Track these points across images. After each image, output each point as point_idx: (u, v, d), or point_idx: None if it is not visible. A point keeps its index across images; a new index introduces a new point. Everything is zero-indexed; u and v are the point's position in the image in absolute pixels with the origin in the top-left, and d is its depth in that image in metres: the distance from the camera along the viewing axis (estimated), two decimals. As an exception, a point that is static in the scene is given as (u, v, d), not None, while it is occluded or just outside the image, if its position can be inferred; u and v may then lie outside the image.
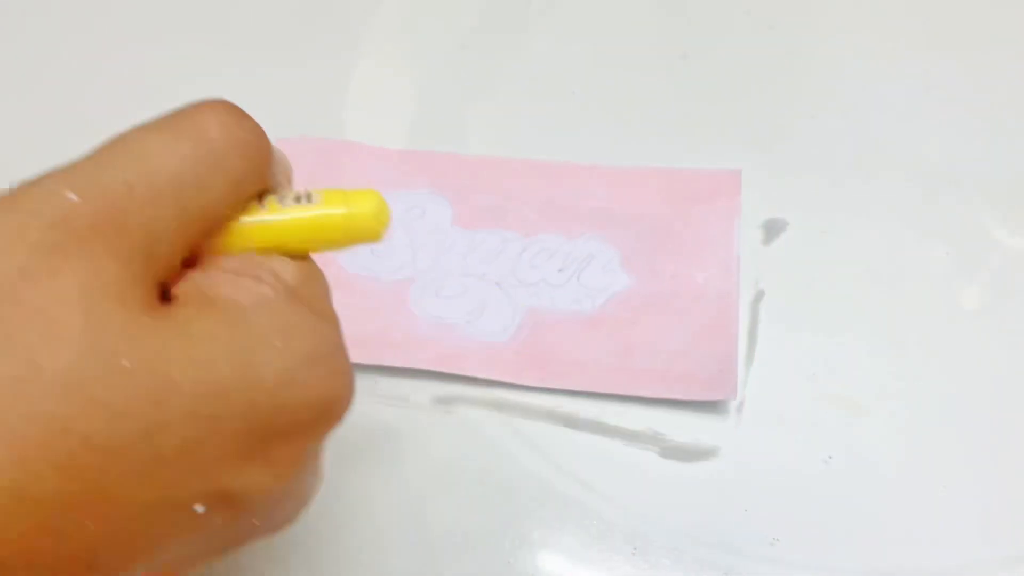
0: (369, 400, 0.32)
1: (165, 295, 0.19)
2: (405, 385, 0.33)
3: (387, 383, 0.33)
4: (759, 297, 0.34)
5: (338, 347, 0.21)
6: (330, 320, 0.21)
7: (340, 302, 0.34)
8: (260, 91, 0.38)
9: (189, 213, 0.19)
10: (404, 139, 0.39)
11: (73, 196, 0.18)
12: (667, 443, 0.31)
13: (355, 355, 0.32)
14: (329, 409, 0.20)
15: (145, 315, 0.18)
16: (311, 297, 0.21)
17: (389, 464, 0.31)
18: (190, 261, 0.20)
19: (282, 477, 0.19)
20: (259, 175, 0.21)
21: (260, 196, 0.21)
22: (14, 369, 0.16)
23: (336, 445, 0.31)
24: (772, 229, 0.36)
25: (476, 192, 0.37)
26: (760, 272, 0.35)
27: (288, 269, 0.21)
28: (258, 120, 0.38)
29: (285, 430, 0.19)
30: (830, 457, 0.31)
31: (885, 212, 0.36)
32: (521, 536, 0.30)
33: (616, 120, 0.39)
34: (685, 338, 0.33)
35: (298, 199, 0.21)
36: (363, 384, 0.22)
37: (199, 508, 0.18)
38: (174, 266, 0.19)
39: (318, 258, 0.22)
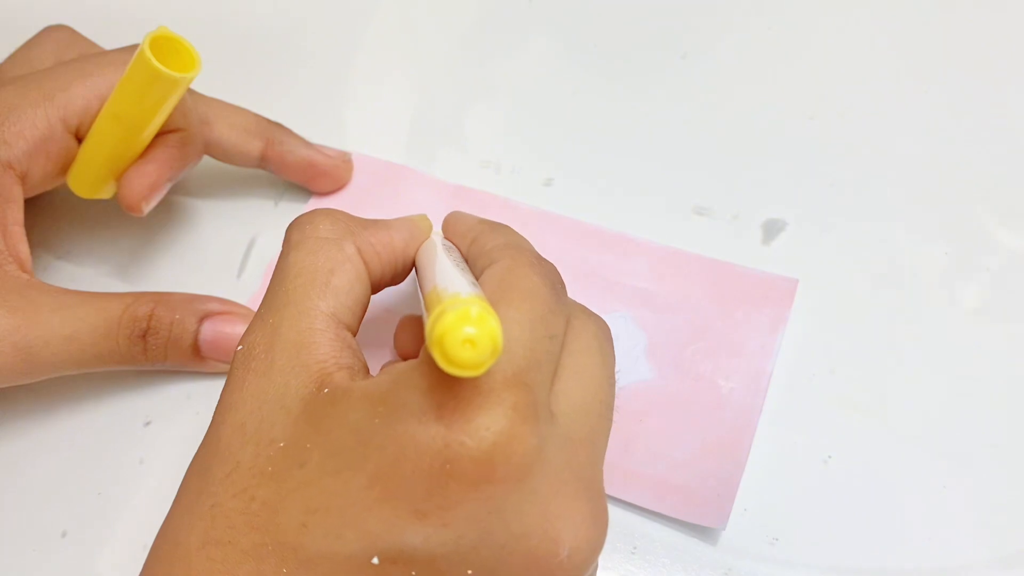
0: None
1: None
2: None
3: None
4: (759, 297, 0.34)
5: None
6: None
7: (361, 330, 0.34)
8: (262, 93, 0.39)
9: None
10: (405, 139, 0.39)
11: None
12: (667, 443, 0.31)
13: None
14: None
15: None
16: None
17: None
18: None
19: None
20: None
21: None
22: None
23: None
24: (771, 229, 0.36)
25: None
26: (760, 272, 0.35)
27: None
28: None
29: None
30: (830, 457, 0.31)
31: (884, 212, 0.36)
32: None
33: (616, 120, 0.40)
34: (691, 449, 0.31)
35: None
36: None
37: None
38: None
39: None
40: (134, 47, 0.30)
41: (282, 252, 0.26)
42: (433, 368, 0.21)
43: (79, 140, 0.32)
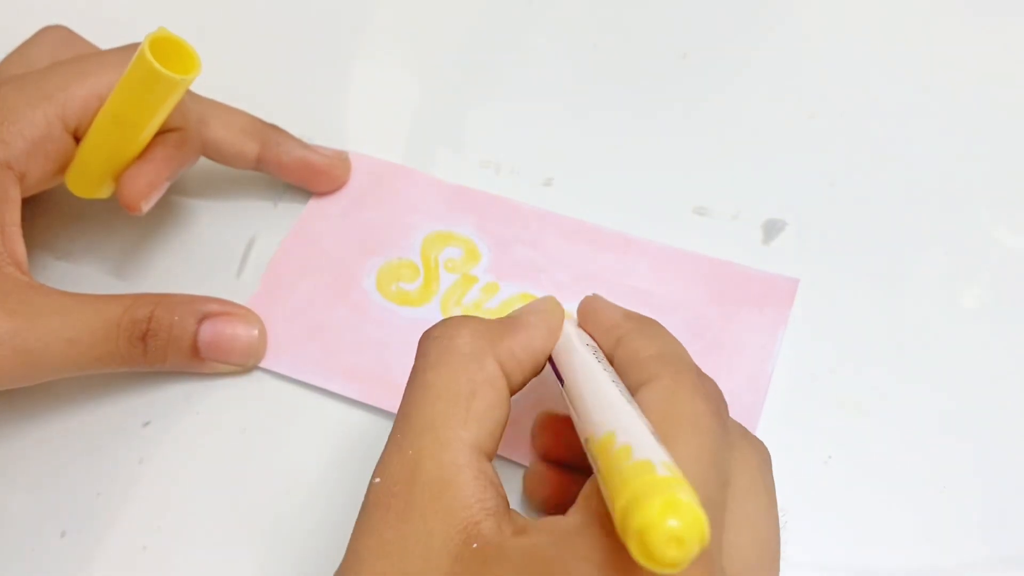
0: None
1: None
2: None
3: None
4: (759, 297, 0.34)
5: None
6: None
7: (361, 330, 0.34)
8: (261, 93, 0.38)
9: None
10: (404, 139, 0.39)
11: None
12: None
13: (357, 392, 0.32)
14: None
15: None
16: None
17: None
18: None
19: None
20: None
21: None
22: None
23: (350, 461, 0.31)
24: (771, 229, 0.36)
25: (518, 243, 0.36)
26: (760, 272, 0.34)
27: None
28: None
29: None
30: (830, 457, 0.31)
31: (884, 212, 0.36)
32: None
33: (615, 120, 0.40)
34: None
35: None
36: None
37: None
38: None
39: None
40: (133, 47, 0.30)
41: (417, 367, 0.24)
42: (602, 535, 0.20)
43: (77, 140, 0.32)
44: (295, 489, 0.31)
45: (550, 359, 0.26)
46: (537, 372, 0.26)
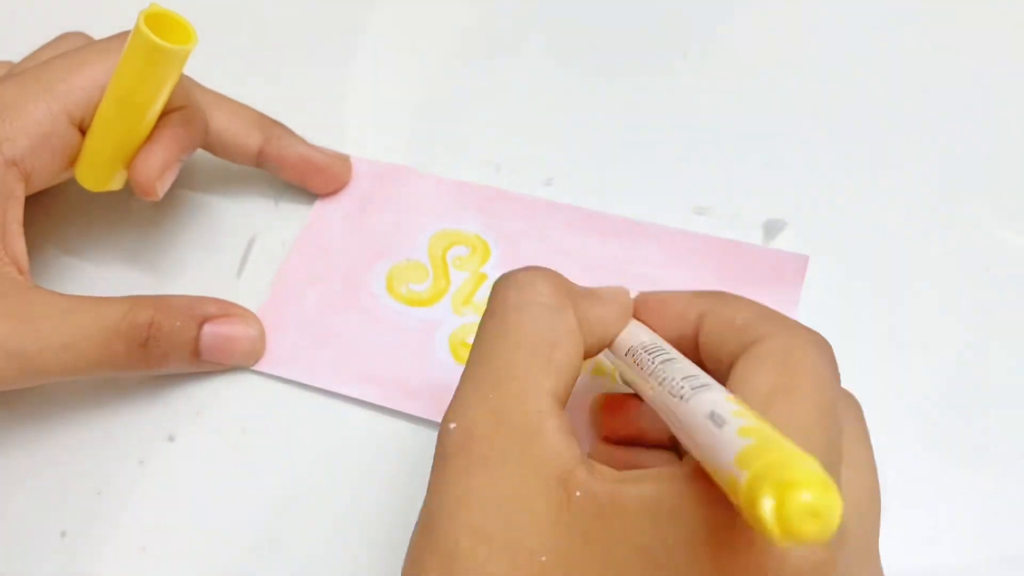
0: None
1: None
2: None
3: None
4: (759, 297, 0.34)
5: None
6: None
7: (374, 334, 0.34)
8: (262, 93, 0.38)
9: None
10: (405, 139, 0.39)
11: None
12: (667, 443, 0.31)
13: (375, 395, 0.32)
14: None
15: None
16: None
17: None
18: None
19: None
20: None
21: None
22: None
23: (352, 461, 0.31)
24: (771, 229, 0.36)
25: (524, 238, 0.36)
26: (760, 272, 0.34)
27: None
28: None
29: None
30: (830, 457, 0.31)
31: (884, 212, 0.36)
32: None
33: (615, 119, 0.40)
34: None
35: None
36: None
37: None
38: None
39: None
40: (125, 33, 0.30)
41: (494, 311, 0.23)
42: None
43: (83, 133, 0.32)
44: (296, 489, 0.31)
45: (613, 347, 0.26)
46: (598, 350, 0.25)
